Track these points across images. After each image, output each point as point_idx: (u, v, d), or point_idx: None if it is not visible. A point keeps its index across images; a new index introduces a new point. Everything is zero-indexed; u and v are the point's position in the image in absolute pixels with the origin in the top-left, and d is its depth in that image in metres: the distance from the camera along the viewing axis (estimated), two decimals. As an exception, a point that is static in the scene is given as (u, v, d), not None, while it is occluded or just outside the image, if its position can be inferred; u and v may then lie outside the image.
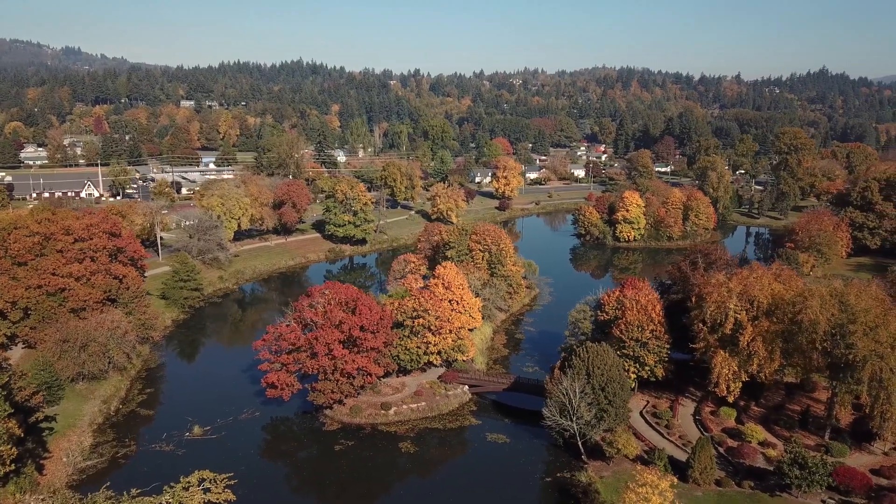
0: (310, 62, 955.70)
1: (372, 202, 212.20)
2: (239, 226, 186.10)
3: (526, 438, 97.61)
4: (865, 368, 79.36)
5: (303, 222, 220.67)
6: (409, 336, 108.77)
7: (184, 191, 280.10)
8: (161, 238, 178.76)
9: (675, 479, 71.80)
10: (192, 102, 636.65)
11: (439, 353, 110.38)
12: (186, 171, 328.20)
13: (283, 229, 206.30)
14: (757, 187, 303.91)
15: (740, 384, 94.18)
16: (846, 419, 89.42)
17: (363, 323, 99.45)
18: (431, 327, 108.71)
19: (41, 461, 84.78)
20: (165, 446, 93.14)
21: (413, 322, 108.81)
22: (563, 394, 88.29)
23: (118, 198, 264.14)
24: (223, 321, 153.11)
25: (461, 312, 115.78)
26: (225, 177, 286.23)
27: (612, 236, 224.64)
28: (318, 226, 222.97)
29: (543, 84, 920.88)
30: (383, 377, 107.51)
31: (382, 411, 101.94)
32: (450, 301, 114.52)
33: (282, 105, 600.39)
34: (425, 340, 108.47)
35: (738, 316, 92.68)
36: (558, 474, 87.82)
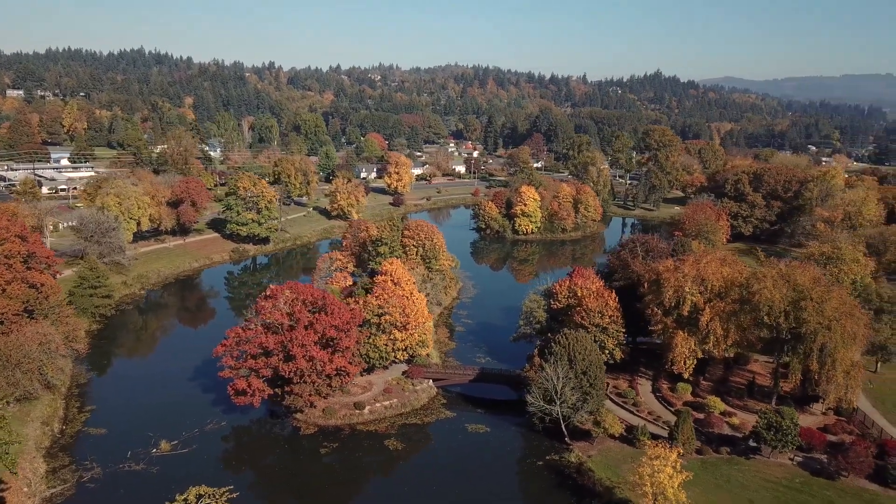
0: (153, 51, 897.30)
1: (276, 198, 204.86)
2: (138, 226, 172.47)
3: (504, 427, 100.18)
4: (816, 339, 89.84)
5: (197, 221, 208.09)
6: (376, 333, 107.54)
7: (45, 190, 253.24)
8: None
9: (681, 450, 77.47)
10: (20, 92, 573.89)
11: (405, 349, 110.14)
12: (39, 169, 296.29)
13: (181, 229, 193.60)
14: (630, 181, 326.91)
15: (695, 361, 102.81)
16: (787, 386, 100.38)
17: (337, 323, 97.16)
18: (397, 324, 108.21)
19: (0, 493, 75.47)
20: (134, 465, 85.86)
21: (380, 319, 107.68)
22: (548, 380, 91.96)
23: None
24: (142, 329, 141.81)
25: (415, 308, 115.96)
26: (84, 174, 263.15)
27: (511, 230, 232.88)
28: (214, 224, 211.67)
29: (403, 80, 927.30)
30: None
31: (357, 411, 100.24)
32: (401, 297, 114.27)
33: (130, 97, 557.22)
34: (392, 337, 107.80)
35: (694, 298, 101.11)
36: (547, 457, 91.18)
